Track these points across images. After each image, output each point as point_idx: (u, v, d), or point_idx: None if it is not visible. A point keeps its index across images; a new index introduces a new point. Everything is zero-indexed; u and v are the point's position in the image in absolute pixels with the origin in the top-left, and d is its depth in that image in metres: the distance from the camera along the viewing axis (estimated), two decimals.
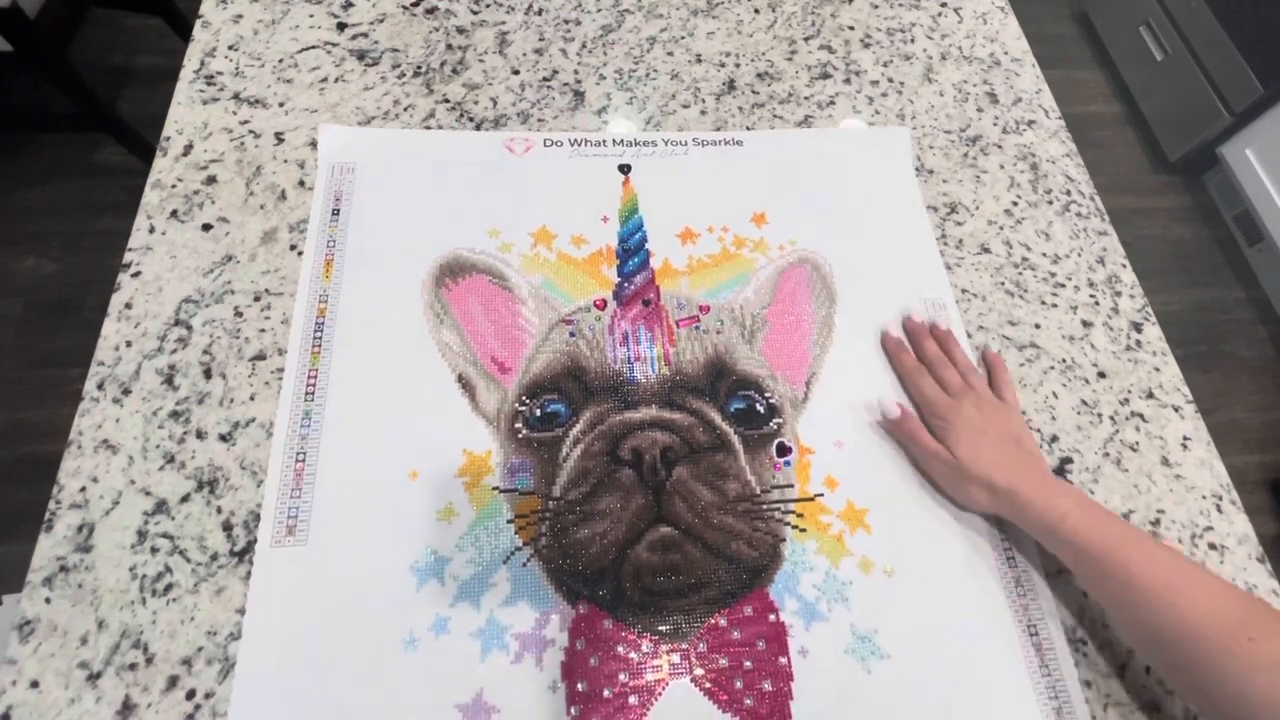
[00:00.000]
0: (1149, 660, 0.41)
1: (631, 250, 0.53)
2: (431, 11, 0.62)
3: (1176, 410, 0.51)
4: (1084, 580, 0.43)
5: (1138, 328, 0.54)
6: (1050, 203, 0.60)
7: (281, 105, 0.56)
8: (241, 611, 0.39)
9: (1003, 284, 0.55)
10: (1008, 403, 0.47)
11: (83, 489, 0.41)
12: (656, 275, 0.52)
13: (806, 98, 0.62)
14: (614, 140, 0.57)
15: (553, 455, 0.44)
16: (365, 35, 0.61)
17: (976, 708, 0.40)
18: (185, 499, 0.41)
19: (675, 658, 0.39)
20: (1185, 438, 0.50)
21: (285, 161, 0.54)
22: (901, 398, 0.49)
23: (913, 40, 0.68)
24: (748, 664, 0.40)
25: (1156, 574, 0.37)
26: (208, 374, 0.45)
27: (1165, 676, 0.41)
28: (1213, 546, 0.46)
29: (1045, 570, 0.44)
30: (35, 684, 0.36)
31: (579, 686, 0.38)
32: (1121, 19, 1.77)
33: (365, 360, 0.46)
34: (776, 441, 0.46)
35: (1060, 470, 0.48)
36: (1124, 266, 0.57)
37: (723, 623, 0.41)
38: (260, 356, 0.46)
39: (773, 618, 0.41)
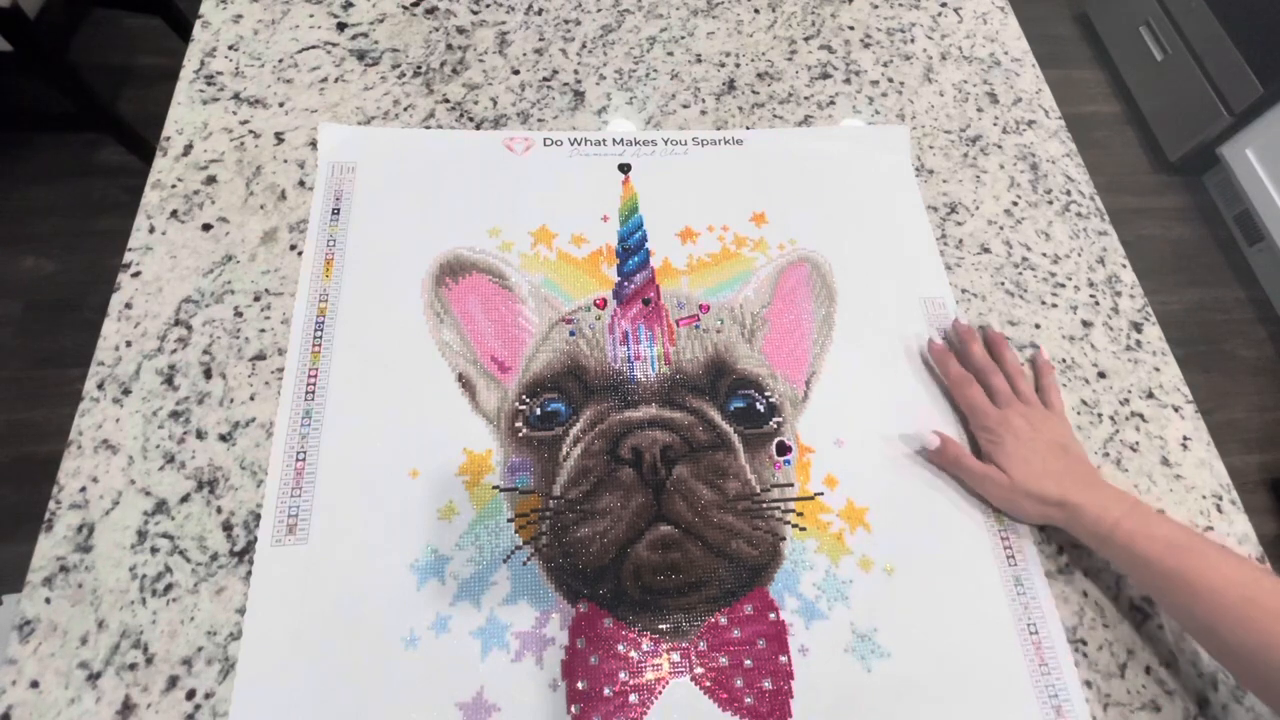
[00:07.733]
0: (1232, 673, 0.38)
1: (631, 249, 0.53)
2: (431, 11, 0.62)
3: (1176, 410, 0.51)
4: (1144, 588, 0.42)
5: (1138, 328, 0.54)
6: (1050, 203, 0.60)
7: (281, 105, 0.56)
8: (241, 611, 0.39)
9: (1003, 284, 0.55)
10: (1054, 408, 0.47)
11: (83, 489, 0.41)
12: (656, 274, 0.52)
13: (806, 98, 0.62)
14: (614, 139, 0.57)
15: (553, 454, 0.44)
16: (365, 35, 0.61)
17: (976, 707, 0.40)
18: (185, 499, 0.41)
19: (675, 656, 0.39)
20: (1185, 438, 0.50)
21: (285, 161, 0.54)
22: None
23: (913, 40, 0.68)
24: (748, 662, 0.40)
25: (1221, 583, 0.36)
26: (208, 374, 0.45)
27: (1253, 692, 0.37)
28: None
29: (1045, 570, 0.44)
30: (35, 684, 0.36)
31: (579, 685, 0.38)
32: (1121, 19, 1.76)
33: (365, 359, 0.47)
34: (776, 440, 0.46)
35: None
36: (1124, 266, 0.57)
37: (723, 621, 0.41)
38: (260, 356, 0.46)
39: (773, 616, 0.41)
